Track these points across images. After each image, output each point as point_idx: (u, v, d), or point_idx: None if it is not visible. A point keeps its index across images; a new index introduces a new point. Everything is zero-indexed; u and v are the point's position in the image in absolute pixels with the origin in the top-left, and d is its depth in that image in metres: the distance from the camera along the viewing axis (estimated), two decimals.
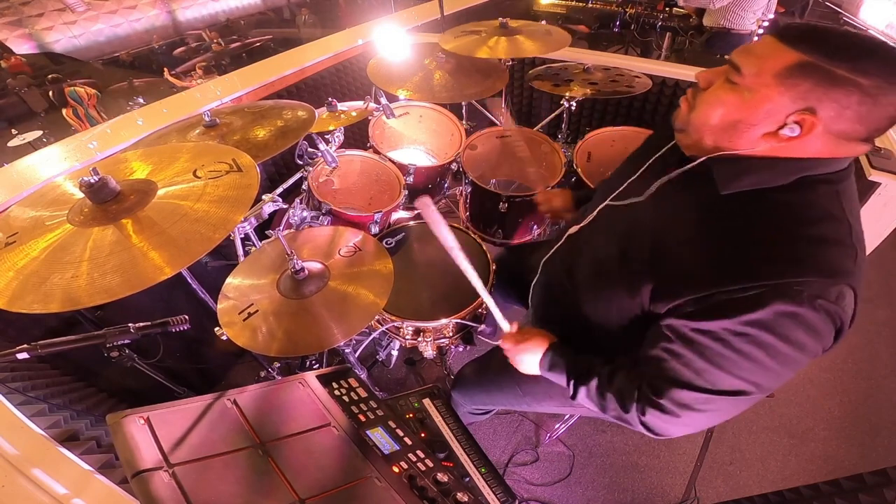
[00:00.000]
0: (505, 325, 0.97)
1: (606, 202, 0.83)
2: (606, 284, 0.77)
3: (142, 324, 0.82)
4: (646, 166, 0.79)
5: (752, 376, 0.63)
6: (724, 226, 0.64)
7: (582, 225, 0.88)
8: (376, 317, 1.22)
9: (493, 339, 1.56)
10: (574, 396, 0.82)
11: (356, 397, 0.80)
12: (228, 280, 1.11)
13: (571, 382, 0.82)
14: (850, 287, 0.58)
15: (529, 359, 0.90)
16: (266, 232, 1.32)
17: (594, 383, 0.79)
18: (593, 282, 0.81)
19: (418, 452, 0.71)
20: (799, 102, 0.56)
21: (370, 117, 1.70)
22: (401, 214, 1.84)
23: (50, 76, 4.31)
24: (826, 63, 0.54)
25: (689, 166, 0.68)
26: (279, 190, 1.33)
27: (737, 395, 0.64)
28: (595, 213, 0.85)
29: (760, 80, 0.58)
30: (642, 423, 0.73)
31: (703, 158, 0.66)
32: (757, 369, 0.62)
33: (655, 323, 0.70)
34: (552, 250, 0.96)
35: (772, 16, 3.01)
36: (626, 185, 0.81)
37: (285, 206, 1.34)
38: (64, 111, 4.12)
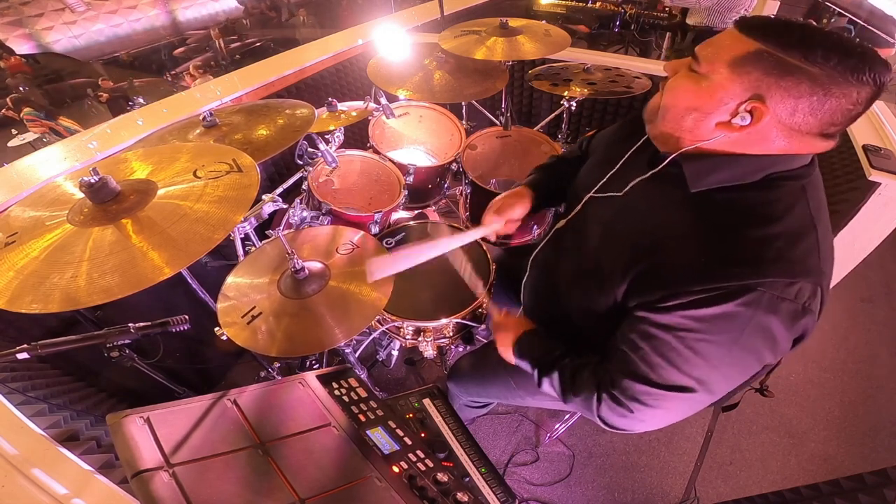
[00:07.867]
0: (495, 312, 1.00)
1: (591, 194, 0.83)
2: (587, 278, 0.78)
3: (142, 324, 0.82)
4: (624, 159, 0.80)
5: (700, 373, 0.64)
6: (693, 225, 0.64)
7: (568, 218, 0.89)
8: (377, 317, 1.22)
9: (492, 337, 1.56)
10: (539, 385, 0.84)
11: (356, 397, 0.80)
12: (229, 280, 1.11)
13: (536, 371, 0.85)
14: (814, 283, 0.59)
15: (504, 344, 0.93)
16: (266, 232, 1.32)
17: (556, 376, 0.81)
18: (576, 276, 0.82)
19: (418, 452, 0.71)
20: (750, 91, 0.57)
21: (370, 117, 1.70)
22: (401, 214, 1.84)
23: (10, 97, 4.29)
24: (780, 52, 0.54)
25: (661, 166, 0.69)
26: (279, 190, 1.33)
27: (684, 392, 0.65)
28: (580, 205, 0.86)
29: (714, 68, 0.60)
30: (598, 415, 0.75)
31: (674, 155, 0.67)
32: (706, 367, 0.63)
33: (624, 317, 0.71)
34: (539, 247, 0.97)
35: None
36: (607, 178, 0.81)
37: (285, 206, 1.34)
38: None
